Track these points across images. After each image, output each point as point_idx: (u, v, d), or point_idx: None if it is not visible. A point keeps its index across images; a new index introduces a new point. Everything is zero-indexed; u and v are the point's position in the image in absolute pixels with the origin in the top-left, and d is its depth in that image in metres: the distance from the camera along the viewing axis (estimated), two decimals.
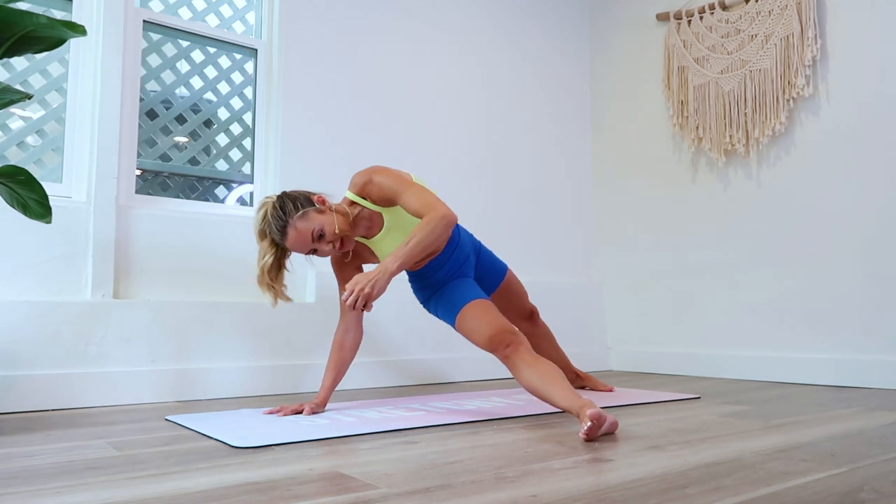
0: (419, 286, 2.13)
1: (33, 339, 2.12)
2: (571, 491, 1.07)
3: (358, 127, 2.97)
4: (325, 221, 1.85)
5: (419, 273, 2.10)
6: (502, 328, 1.87)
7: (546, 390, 1.71)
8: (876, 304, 2.65)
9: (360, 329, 2.07)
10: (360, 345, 2.08)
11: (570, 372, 2.54)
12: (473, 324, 1.92)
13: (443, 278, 2.08)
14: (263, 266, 1.87)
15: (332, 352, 2.04)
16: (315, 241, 1.85)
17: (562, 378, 1.73)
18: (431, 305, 2.10)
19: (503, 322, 1.90)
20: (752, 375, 3.00)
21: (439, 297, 2.05)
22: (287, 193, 1.90)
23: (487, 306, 1.96)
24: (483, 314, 1.93)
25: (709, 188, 3.27)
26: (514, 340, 1.84)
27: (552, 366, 1.77)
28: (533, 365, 1.78)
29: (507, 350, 1.83)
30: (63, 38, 1.61)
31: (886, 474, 1.17)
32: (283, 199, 1.87)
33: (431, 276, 2.08)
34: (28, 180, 1.67)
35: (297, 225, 1.83)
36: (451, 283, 2.06)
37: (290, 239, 1.84)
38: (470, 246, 2.19)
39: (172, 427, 1.75)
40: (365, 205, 1.94)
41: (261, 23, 2.87)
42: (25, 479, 1.18)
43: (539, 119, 3.63)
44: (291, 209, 1.84)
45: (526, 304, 2.40)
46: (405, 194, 1.87)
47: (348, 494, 1.06)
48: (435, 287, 2.08)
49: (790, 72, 2.93)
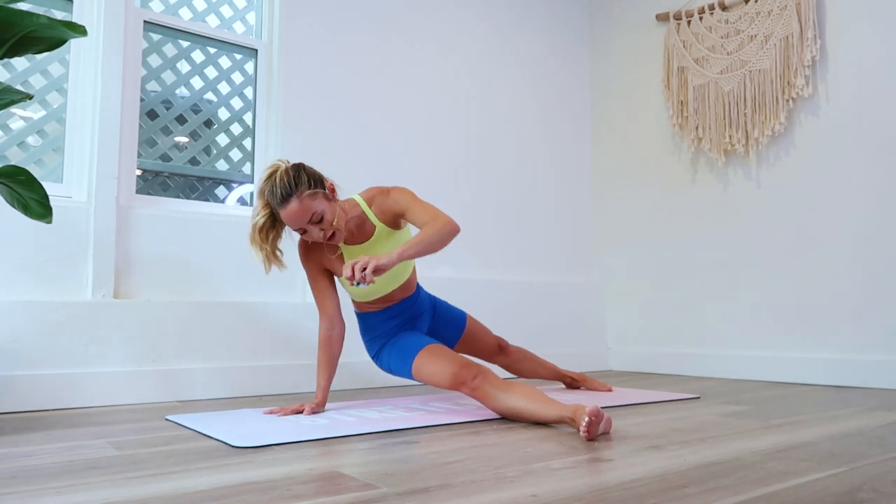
0: (370, 336, 2.11)
1: (33, 339, 2.12)
2: (571, 491, 1.07)
3: (358, 127, 2.97)
4: (328, 208, 1.84)
5: (372, 319, 2.08)
6: (463, 363, 1.85)
7: (530, 407, 1.71)
8: (875, 303, 2.65)
9: (342, 322, 2.04)
10: (344, 336, 2.05)
11: (563, 378, 2.53)
12: (433, 367, 1.90)
13: (394, 328, 2.07)
14: (255, 224, 1.83)
15: (320, 350, 2.01)
16: (311, 222, 1.82)
17: (539, 392, 1.73)
18: (384, 357, 2.07)
19: (462, 358, 1.88)
20: (751, 375, 3.00)
21: (391, 348, 2.04)
22: (304, 166, 1.86)
23: (442, 349, 1.94)
24: (441, 355, 1.91)
25: (708, 188, 3.27)
26: (479, 371, 1.82)
27: (525, 385, 1.77)
28: (506, 388, 1.77)
29: (476, 381, 1.81)
30: (63, 39, 1.61)
31: (886, 474, 1.17)
32: (298, 170, 1.83)
33: (383, 325, 2.07)
34: (28, 180, 1.67)
35: (302, 200, 1.79)
36: (401, 333, 2.06)
37: (288, 209, 1.79)
38: (427, 304, 2.20)
39: (172, 427, 1.75)
40: (366, 210, 1.95)
41: (261, 23, 2.87)
42: (25, 479, 1.18)
43: (539, 119, 3.64)
44: (305, 182, 1.80)
45: (491, 341, 2.36)
46: (416, 207, 1.89)
47: (348, 494, 1.06)
48: (385, 337, 2.07)
49: (790, 72, 2.93)
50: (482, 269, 3.30)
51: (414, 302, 2.12)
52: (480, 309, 3.06)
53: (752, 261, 3.07)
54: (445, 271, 3.11)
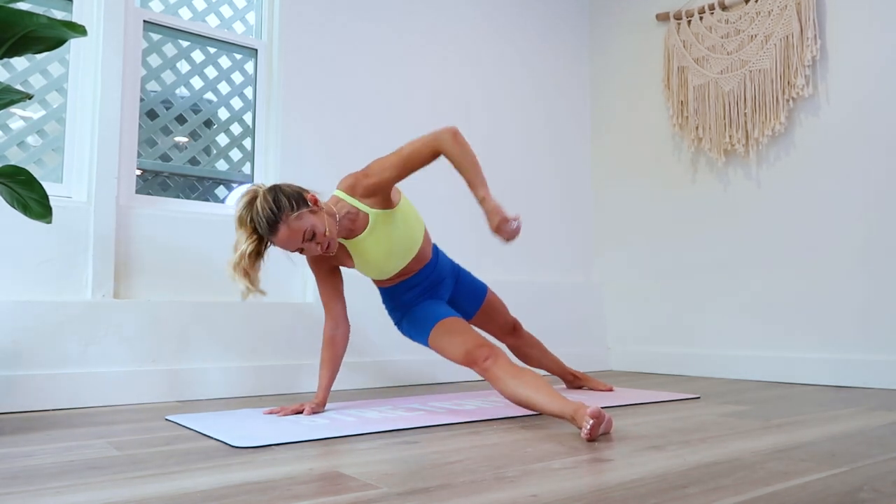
0: (392, 306, 2.11)
1: (33, 339, 2.12)
2: (571, 491, 1.07)
3: (357, 127, 2.97)
4: (317, 223, 1.80)
5: (392, 291, 2.08)
6: (478, 342, 1.85)
7: (534, 398, 1.70)
8: (875, 304, 2.65)
9: (347, 323, 2.05)
10: (349, 338, 2.06)
11: (566, 374, 2.53)
12: (448, 340, 1.91)
13: (414, 298, 2.07)
14: (244, 252, 1.76)
15: (324, 350, 2.02)
16: (305, 241, 1.80)
17: (547, 384, 1.72)
18: (404, 325, 2.09)
19: (478, 337, 1.88)
20: (752, 375, 3.00)
21: (412, 317, 2.04)
22: (281, 188, 1.81)
23: (460, 323, 1.95)
24: (457, 331, 1.91)
25: (708, 188, 3.27)
26: (492, 353, 1.82)
27: (535, 374, 1.76)
28: (515, 375, 1.76)
29: (487, 363, 1.81)
30: (63, 39, 1.61)
31: (886, 474, 1.17)
32: (276, 194, 1.78)
33: (404, 296, 2.07)
34: (28, 180, 1.67)
35: (290, 224, 1.76)
36: (422, 303, 2.06)
37: (280, 236, 1.77)
38: (448, 270, 2.19)
39: (172, 427, 1.75)
40: (352, 202, 1.91)
41: (261, 23, 2.87)
42: (25, 479, 1.18)
43: (539, 119, 3.64)
44: (286, 206, 1.76)
45: (508, 319, 2.38)
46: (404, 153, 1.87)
47: (348, 494, 1.06)
48: (406, 307, 2.07)
49: (790, 72, 2.93)
50: (482, 269, 3.30)
51: (432, 270, 2.11)
52: None
53: (752, 261, 3.06)
54: None
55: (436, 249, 2.17)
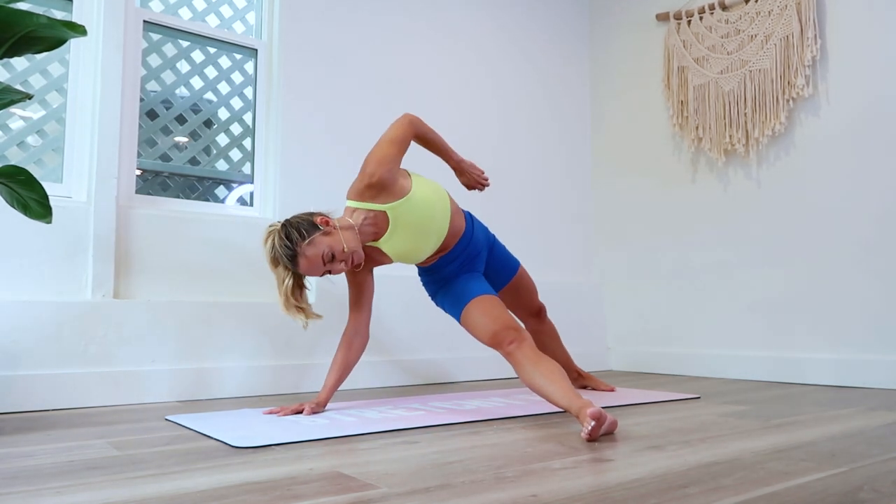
0: (429, 279, 2.14)
1: (33, 339, 2.12)
2: (571, 491, 1.07)
3: (358, 127, 2.97)
4: (333, 242, 1.83)
5: (431, 267, 2.11)
6: (506, 324, 1.88)
7: (547, 388, 1.72)
8: (875, 303, 2.65)
9: (367, 332, 2.08)
10: (365, 347, 2.09)
11: (572, 371, 2.54)
12: (478, 319, 1.94)
13: (453, 272, 2.09)
14: (286, 291, 1.83)
15: (338, 351, 2.04)
16: (327, 263, 1.83)
17: (563, 377, 1.73)
18: (439, 299, 2.13)
19: (508, 318, 1.91)
20: (752, 375, 3.00)
21: (447, 291, 2.07)
22: (289, 222, 1.86)
23: (493, 302, 1.97)
24: (488, 310, 1.94)
25: (709, 188, 3.27)
26: (518, 337, 1.85)
27: (555, 364, 1.78)
28: (536, 363, 1.78)
29: (511, 347, 1.84)
30: (63, 39, 1.61)
31: (886, 474, 1.17)
32: (286, 229, 1.84)
33: (442, 270, 2.10)
34: (28, 180, 1.67)
35: (305, 252, 1.80)
36: (459, 277, 2.08)
37: (301, 267, 1.82)
38: (483, 241, 2.20)
39: (172, 427, 1.75)
40: (367, 207, 1.91)
41: (261, 23, 2.87)
42: (25, 479, 1.18)
43: (539, 119, 3.64)
44: (297, 237, 1.81)
45: (535, 302, 2.41)
46: (382, 143, 1.94)
47: (348, 494, 1.06)
48: (443, 281, 2.10)
49: (790, 72, 2.93)
50: None
51: (468, 242, 2.11)
52: None
53: (753, 260, 3.06)
54: None
55: (469, 218, 2.17)
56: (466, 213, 2.19)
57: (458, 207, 2.13)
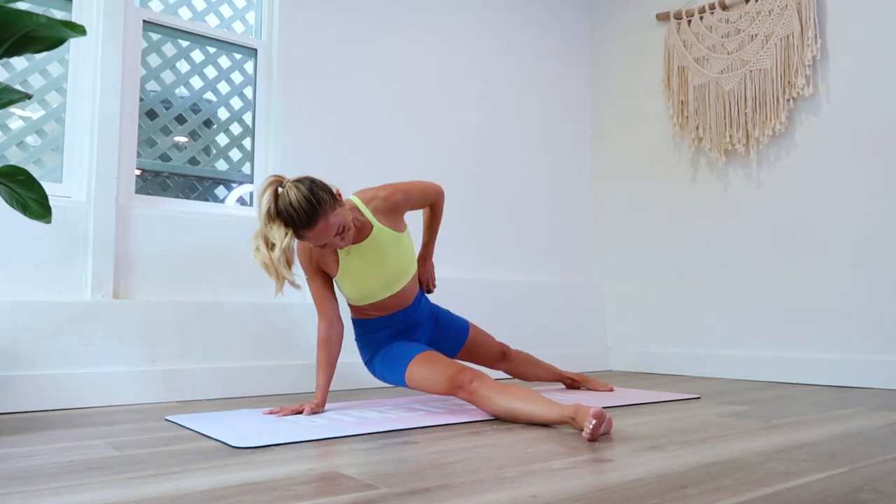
0: (364, 342, 2.10)
1: (33, 339, 2.12)
2: (571, 491, 1.07)
3: (357, 127, 2.97)
4: (347, 217, 1.80)
5: (365, 325, 2.07)
6: (459, 368, 1.85)
7: (528, 409, 1.70)
8: (876, 304, 2.65)
9: (341, 322, 2.03)
10: (343, 336, 2.04)
11: (563, 379, 2.53)
12: (427, 372, 1.89)
13: (388, 336, 2.07)
14: (285, 246, 1.68)
15: (319, 350, 2.00)
16: (336, 234, 1.77)
17: (537, 394, 1.73)
18: (377, 365, 2.06)
19: (457, 364, 1.87)
20: (752, 375, 3.00)
21: (384, 356, 2.03)
22: (314, 181, 1.76)
23: (435, 355, 1.94)
24: (435, 361, 1.90)
25: (709, 188, 3.26)
26: (476, 375, 1.82)
27: (524, 387, 1.78)
28: (504, 391, 1.77)
29: (473, 385, 1.80)
30: (63, 38, 1.61)
31: (887, 474, 1.17)
32: (311, 186, 1.73)
33: (377, 333, 2.07)
34: (28, 180, 1.66)
35: (329, 218, 1.73)
36: (396, 342, 2.05)
37: (317, 230, 1.72)
38: (427, 314, 2.18)
39: (172, 427, 1.75)
40: (364, 213, 1.93)
41: (261, 23, 2.87)
42: (25, 479, 1.18)
43: (539, 119, 3.63)
44: (325, 200, 1.72)
45: (494, 348, 2.34)
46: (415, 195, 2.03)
47: (348, 494, 1.05)
48: (379, 344, 2.06)
49: (790, 71, 2.93)
50: (482, 269, 3.30)
51: (412, 313, 2.10)
52: (480, 309, 3.06)
53: (753, 261, 3.06)
54: (445, 271, 3.11)
55: (419, 295, 2.16)
56: (420, 290, 2.18)
57: (416, 282, 2.12)
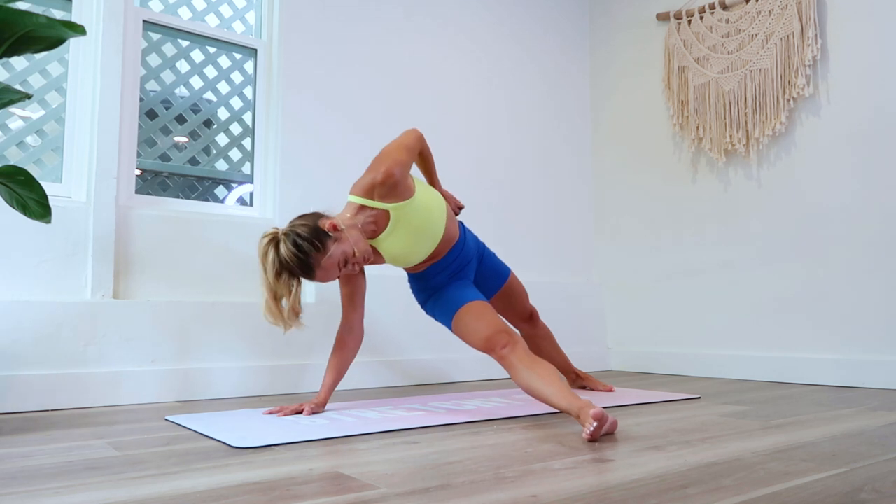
0: (419, 287, 2.13)
1: (33, 339, 2.12)
2: (571, 491, 1.07)
3: (357, 127, 2.97)
4: (346, 248, 1.81)
5: (421, 275, 2.11)
6: (499, 329, 1.88)
7: (544, 391, 1.71)
8: (876, 304, 2.65)
9: (361, 329, 2.08)
10: (360, 345, 2.09)
11: (570, 372, 2.54)
12: (470, 325, 1.94)
13: (443, 281, 2.09)
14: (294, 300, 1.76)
15: (333, 351, 2.04)
16: (342, 268, 1.83)
17: (559, 379, 1.73)
18: (429, 307, 2.11)
19: (500, 323, 1.90)
20: (752, 375, 3.00)
21: (437, 299, 2.06)
22: (296, 232, 1.77)
23: (484, 308, 1.96)
24: (480, 316, 1.94)
25: (709, 188, 3.26)
26: (511, 341, 1.84)
27: (549, 366, 1.78)
28: (530, 366, 1.78)
29: (504, 351, 1.83)
30: (63, 38, 1.61)
31: (887, 474, 1.17)
32: (296, 240, 1.76)
33: (432, 279, 2.09)
34: (28, 180, 1.66)
35: (322, 264, 1.77)
36: (450, 285, 2.07)
37: (318, 277, 1.80)
38: (474, 250, 2.20)
39: (172, 427, 1.75)
40: (371, 205, 1.88)
41: (261, 23, 2.87)
42: (25, 479, 1.18)
43: (539, 118, 3.63)
44: (310, 248, 1.75)
45: (526, 306, 2.40)
46: (404, 147, 1.95)
47: (348, 494, 1.05)
48: (434, 289, 2.09)
49: (790, 72, 2.93)
50: None
51: (460, 251, 2.11)
52: None
53: (753, 261, 3.06)
54: None
55: (462, 228, 2.17)
56: (459, 222, 2.19)
57: (454, 216, 2.14)
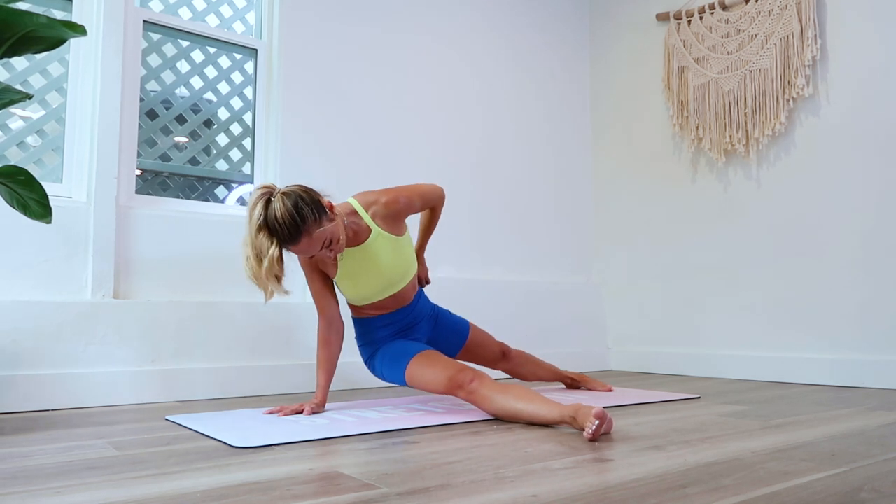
0: (364, 341, 2.10)
1: (33, 339, 2.12)
2: (571, 491, 1.07)
3: (357, 127, 2.97)
4: (336, 231, 1.79)
5: (365, 323, 2.07)
6: (459, 367, 1.85)
7: (528, 410, 1.70)
8: (875, 304, 2.65)
9: (341, 320, 2.03)
10: (343, 336, 2.04)
11: (563, 379, 2.53)
12: (427, 371, 1.89)
13: (388, 335, 2.06)
14: (273, 257, 1.67)
15: (319, 350, 2.01)
16: (323, 247, 1.77)
17: (537, 394, 1.73)
18: (377, 363, 2.06)
19: (457, 363, 1.87)
20: (752, 375, 3.00)
21: (384, 355, 2.02)
22: (300, 196, 1.72)
23: (435, 354, 1.94)
24: (434, 362, 1.90)
25: (709, 188, 3.27)
26: (476, 375, 1.82)
27: (522, 386, 1.78)
28: (504, 391, 1.76)
29: (473, 385, 1.80)
30: (63, 38, 1.61)
31: (886, 474, 1.17)
32: (297, 201, 1.71)
33: (377, 331, 2.06)
34: (28, 180, 1.67)
35: (312, 233, 1.71)
36: (396, 340, 2.05)
37: (301, 245, 1.72)
38: (427, 312, 2.18)
39: (172, 427, 1.75)
40: (363, 215, 1.92)
41: (261, 23, 2.87)
42: (25, 479, 1.18)
43: (539, 119, 3.63)
44: (310, 216, 1.71)
45: (495, 347, 2.34)
46: (419, 191, 2.03)
47: (348, 494, 1.06)
48: (379, 343, 2.06)
49: (790, 72, 2.93)
50: (483, 269, 3.30)
51: (410, 312, 2.10)
52: (481, 309, 3.06)
53: (753, 261, 3.06)
54: (446, 271, 3.11)
55: (419, 293, 2.16)
56: (420, 289, 2.18)
57: (415, 284, 2.12)
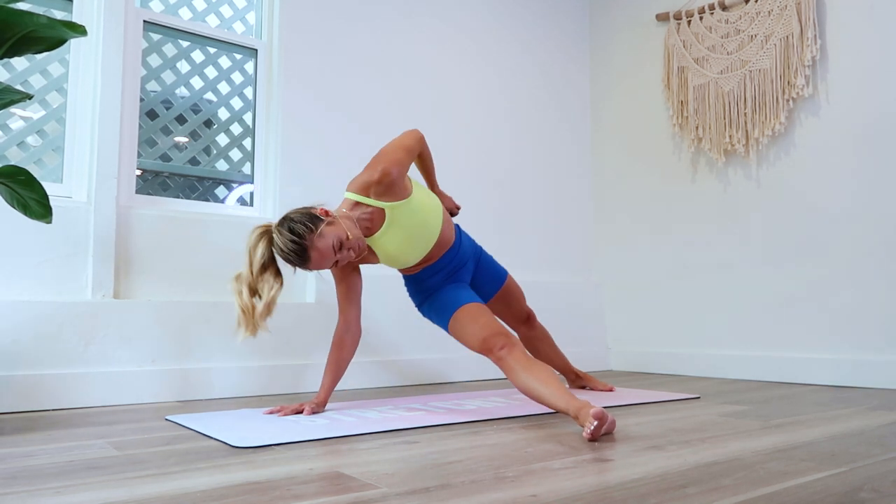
0: (415, 289, 2.13)
1: (33, 339, 2.12)
2: (571, 491, 1.07)
3: (358, 127, 2.97)
4: (339, 231, 1.79)
5: (416, 277, 2.11)
6: (496, 331, 1.88)
7: (542, 392, 1.71)
8: (875, 303, 2.65)
9: (359, 327, 2.07)
10: (358, 343, 2.08)
11: (569, 372, 2.54)
12: (467, 327, 1.94)
13: (438, 283, 2.09)
14: (270, 301, 1.77)
15: (331, 351, 2.03)
16: (337, 252, 1.79)
17: (557, 379, 1.73)
18: (425, 309, 2.12)
19: (497, 324, 1.91)
20: (752, 375, 3.00)
21: (433, 301, 2.06)
22: (289, 218, 1.80)
23: (480, 309, 1.97)
24: (476, 318, 1.94)
25: (709, 188, 3.27)
26: (508, 343, 1.84)
27: (547, 368, 1.78)
28: (527, 367, 1.78)
29: (501, 352, 1.83)
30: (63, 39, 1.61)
31: (886, 474, 1.17)
32: (289, 224, 1.77)
33: (427, 281, 2.09)
34: (28, 180, 1.67)
35: (316, 244, 1.75)
36: (445, 287, 2.07)
37: (313, 260, 1.77)
38: (470, 252, 2.20)
39: (172, 427, 1.75)
40: (367, 202, 1.90)
41: (261, 23, 2.87)
42: (25, 479, 1.18)
43: (539, 119, 3.64)
44: (304, 230, 1.75)
45: (524, 308, 2.40)
46: (402, 147, 1.95)
47: (348, 494, 1.06)
48: (430, 291, 2.09)
49: (790, 72, 2.93)
50: None
51: (455, 254, 2.12)
52: None
53: (752, 261, 3.06)
54: None
55: (458, 231, 2.17)
56: (456, 225, 2.19)
57: (450, 219, 2.13)
